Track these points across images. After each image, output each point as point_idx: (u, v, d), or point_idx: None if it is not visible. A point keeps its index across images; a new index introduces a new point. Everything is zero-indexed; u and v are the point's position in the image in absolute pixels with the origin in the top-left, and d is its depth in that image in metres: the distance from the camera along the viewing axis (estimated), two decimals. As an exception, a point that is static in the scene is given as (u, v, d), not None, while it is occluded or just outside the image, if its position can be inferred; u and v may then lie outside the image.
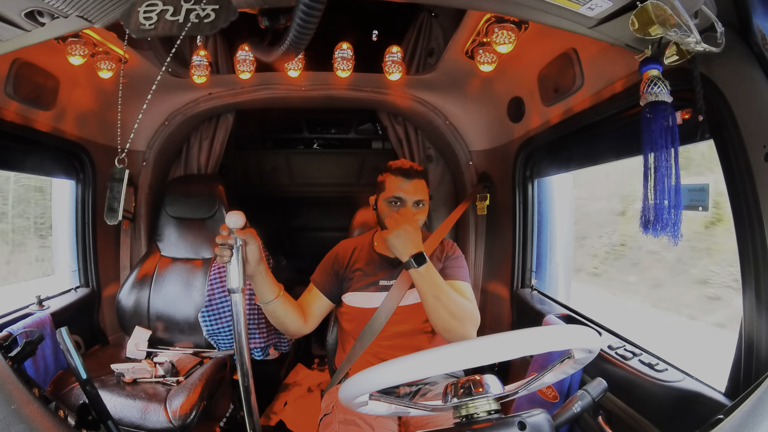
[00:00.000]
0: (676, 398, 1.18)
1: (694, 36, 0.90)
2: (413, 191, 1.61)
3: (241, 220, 1.25)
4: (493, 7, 1.18)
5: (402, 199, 1.60)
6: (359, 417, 1.48)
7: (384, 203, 1.63)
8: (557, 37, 1.61)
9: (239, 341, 1.22)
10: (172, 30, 0.97)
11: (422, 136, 2.85)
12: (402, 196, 1.60)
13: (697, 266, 2.04)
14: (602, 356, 1.44)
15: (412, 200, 1.61)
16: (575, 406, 0.89)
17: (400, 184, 1.61)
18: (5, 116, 1.76)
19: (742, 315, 1.04)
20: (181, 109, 2.53)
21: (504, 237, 2.38)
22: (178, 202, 2.49)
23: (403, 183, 1.61)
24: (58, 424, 0.71)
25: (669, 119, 1.01)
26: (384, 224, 1.58)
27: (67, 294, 2.28)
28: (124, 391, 1.81)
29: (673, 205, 1.00)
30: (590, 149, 1.80)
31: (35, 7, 1.01)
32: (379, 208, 1.66)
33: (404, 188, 1.60)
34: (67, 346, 1.02)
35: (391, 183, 1.63)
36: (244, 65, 2.15)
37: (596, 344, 0.83)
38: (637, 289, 2.42)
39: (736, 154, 1.02)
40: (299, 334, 1.64)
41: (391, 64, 2.12)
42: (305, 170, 3.55)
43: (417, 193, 1.61)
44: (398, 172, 1.63)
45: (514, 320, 2.23)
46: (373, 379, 0.78)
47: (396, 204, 1.61)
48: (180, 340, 2.33)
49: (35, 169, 2.19)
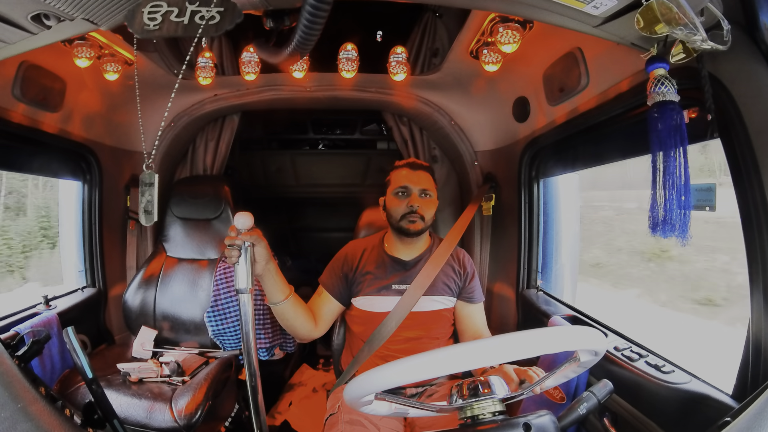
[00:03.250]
0: (682, 400, 1.17)
1: (700, 34, 0.89)
2: (417, 181, 1.64)
3: (250, 221, 1.26)
4: (497, 6, 1.18)
5: (407, 187, 1.64)
6: (364, 417, 1.48)
7: (391, 196, 1.66)
8: (562, 36, 1.60)
9: (247, 341, 1.22)
10: (177, 31, 0.97)
11: (427, 136, 2.85)
12: (407, 185, 1.63)
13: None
14: (608, 358, 1.43)
15: (417, 189, 1.64)
16: (581, 408, 0.88)
17: (405, 174, 1.66)
18: (13, 118, 1.78)
19: (750, 316, 1.03)
20: (186, 111, 2.54)
21: (509, 237, 2.37)
22: (184, 203, 2.50)
23: (409, 173, 1.66)
24: (64, 422, 0.71)
25: (677, 119, 1.00)
26: (395, 222, 1.63)
27: (74, 294, 2.30)
28: (130, 390, 1.82)
29: (683, 205, 0.99)
30: (596, 149, 1.78)
31: (41, 10, 1.02)
32: (387, 203, 1.68)
33: (409, 178, 1.65)
34: (73, 345, 1.03)
35: (397, 175, 1.68)
36: (249, 66, 2.16)
37: (602, 345, 0.82)
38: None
39: (744, 153, 1.01)
40: (309, 337, 1.62)
41: (396, 65, 2.12)
42: (310, 171, 3.56)
43: (422, 183, 1.65)
44: (403, 165, 1.70)
45: (520, 321, 2.22)
46: (379, 379, 0.78)
47: (402, 194, 1.64)
48: (186, 340, 2.34)
49: (42, 170, 2.21)
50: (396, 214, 1.63)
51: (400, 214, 1.62)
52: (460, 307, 1.74)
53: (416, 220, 1.61)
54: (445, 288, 1.69)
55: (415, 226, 1.62)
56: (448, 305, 1.71)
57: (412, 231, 1.63)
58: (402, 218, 1.62)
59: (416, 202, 1.62)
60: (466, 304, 1.73)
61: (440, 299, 1.69)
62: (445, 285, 1.70)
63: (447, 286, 1.70)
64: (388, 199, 1.68)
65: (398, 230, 1.65)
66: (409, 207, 1.61)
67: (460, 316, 1.75)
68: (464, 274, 1.75)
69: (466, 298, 1.73)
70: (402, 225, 1.62)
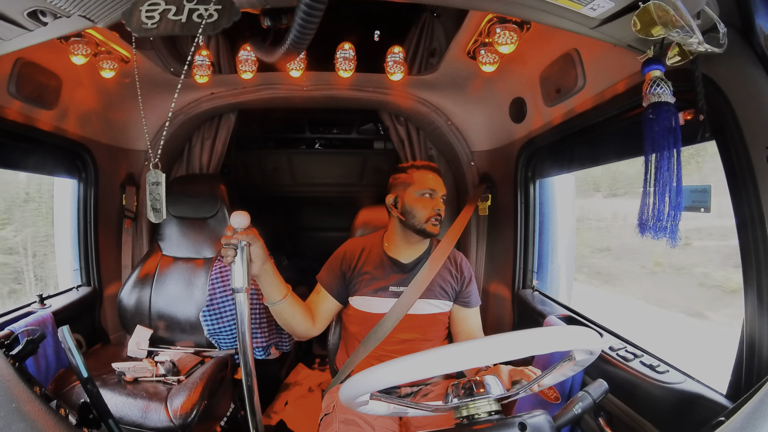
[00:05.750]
0: (677, 400, 1.18)
1: (696, 37, 0.90)
2: (440, 186, 1.70)
3: (246, 220, 1.25)
4: (495, 7, 1.18)
5: (434, 190, 1.67)
6: (360, 417, 1.48)
7: (415, 196, 1.67)
8: (559, 37, 1.61)
9: (243, 341, 1.22)
10: (175, 29, 0.96)
11: (424, 136, 2.85)
12: (434, 189, 1.67)
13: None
14: (603, 357, 1.44)
15: (440, 194, 1.68)
16: (576, 408, 0.89)
17: (432, 178, 1.70)
18: (8, 115, 1.76)
19: (744, 317, 1.04)
20: (183, 109, 2.53)
21: (505, 238, 2.38)
22: (179, 202, 2.49)
23: (434, 177, 1.71)
24: (59, 422, 0.71)
25: (672, 120, 1.01)
26: (418, 223, 1.64)
27: (69, 293, 2.28)
28: (125, 389, 1.82)
29: (674, 206, 1.00)
30: (592, 150, 1.79)
31: (38, 7, 1.01)
32: (409, 202, 1.67)
33: (436, 182, 1.70)
34: (68, 344, 1.03)
35: (421, 176, 1.70)
36: (246, 65, 2.15)
37: (597, 345, 0.83)
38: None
39: (738, 155, 1.01)
40: (307, 336, 1.64)
41: (393, 65, 2.12)
42: (307, 170, 3.55)
43: (442, 188, 1.71)
44: (427, 168, 1.73)
45: (516, 321, 2.23)
46: (375, 379, 0.78)
47: (429, 196, 1.67)
48: (181, 339, 2.33)
49: (37, 168, 2.19)
50: (421, 216, 1.64)
51: (426, 216, 1.63)
52: (456, 310, 1.74)
53: (438, 224, 1.66)
54: (441, 292, 1.70)
55: (436, 229, 1.66)
56: (444, 309, 1.71)
57: (435, 234, 1.67)
58: (427, 221, 1.64)
59: (441, 206, 1.66)
60: (462, 308, 1.74)
61: (436, 303, 1.69)
62: (441, 289, 1.70)
63: (443, 290, 1.70)
64: (410, 199, 1.66)
65: (419, 231, 1.65)
66: (436, 210, 1.64)
67: (455, 320, 1.75)
68: (461, 278, 1.75)
69: (462, 303, 1.74)
70: (426, 227, 1.64)
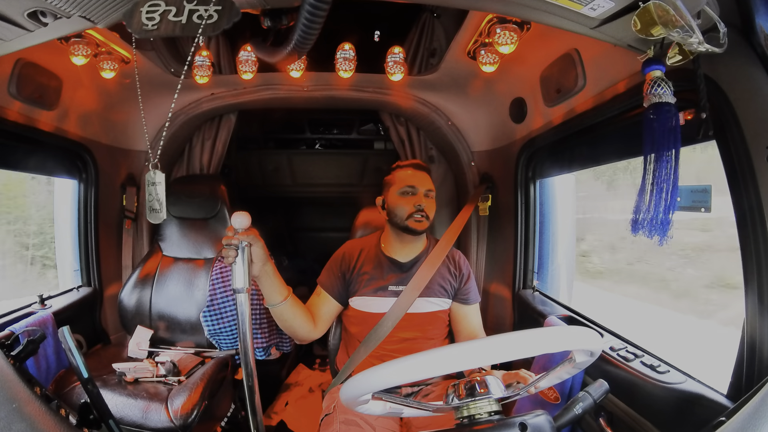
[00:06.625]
0: (677, 400, 1.17)
1: (696, 36, 0.89)
2: (423, 181, 1.68)
3: (247, 220, 1.25)
4: (495, 7, 1.18)
5: (414, 187, 1.66)
6: (360, 417, 1.48)
7: (396, 195, 1.67)
8: (559, 37, 1.61)
9: (244, 341, 1.21)
10: (175, 31, 0.96)
11: (424, 136, 2.85)
12: (414, 185, 1.66)
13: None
14: (604, 358, 1.44)
15: (423, 189, 1.67)
16: (576, 408, 0.88)
17: (411, 174, 1.69)
18: (8, 116, 1.76)
19: (745, 317, 1.04)
20: (183, 110, 2.53)
21: (506, 238, 2.37)
22: (180, 202, 2.49)
23: (414, 173, 1.69)
24: (60, 423, 0.71)
25: (672, 120, 1.00)
26: (400, 221, 1.64)
27: (69, 293, 2.28)
28: (126, 390, 1.81)
29: (669, 205, 1.00)
30: (593, 150, 1.79)
31: (38, 8, 1.01)
32: (391, 202, 1.68)
33: (415, 177, 1.68)
34: (68, 345, 1.03)
35: (402, 175, 1.69)
36: (247, 65, 2.15)
37: (598, 346, 0.83)
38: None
39: (739, 155, 1.01)
40: (308, 339, 1.61)
41: (393, 65, 2.12)
42: (307, 171, 3.55)
43: (427, 183, 1.68)
44: (409, 166, 1.72)
45: (516, 321, 2.23)
46: (375, 379, 0.78)
47: (409, 193, 1.66)
48: (182, 340, 2.33)
49: (38, 168, 2.19)
50: (402, 213, 1.64)
51: (406, 213, 1.63)
52: (455, 308, 1.74)
53: (422, 219, 1.64)
54: (440, 290, 1.70)
55: (421, 225, 1.64)
56: (443, 307, 1.71)
57: (419, 230, 1.65)
58: (409, 217, 1.63)
59: (423, 201, 1.64)
60: (461, 305, 1.74)
61: (436, 301, 1.69)
62: (440, 287, 1.70)
63: (442, 288, 1.70)
64: (391, 198, 1.68)
65: (403, 229, 1.65)
66: (416, 206, 1.63)
67: (455, 318, 1.75)
68: (460, 275, 1.75)
69: (461, 300, 1.74)
70: (408, 224, 1.63)
